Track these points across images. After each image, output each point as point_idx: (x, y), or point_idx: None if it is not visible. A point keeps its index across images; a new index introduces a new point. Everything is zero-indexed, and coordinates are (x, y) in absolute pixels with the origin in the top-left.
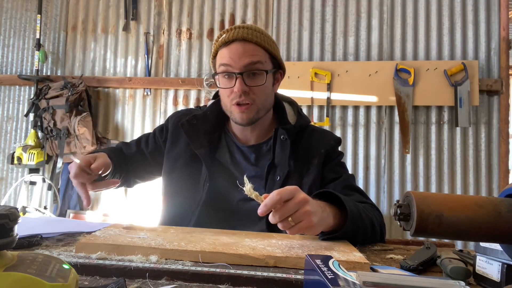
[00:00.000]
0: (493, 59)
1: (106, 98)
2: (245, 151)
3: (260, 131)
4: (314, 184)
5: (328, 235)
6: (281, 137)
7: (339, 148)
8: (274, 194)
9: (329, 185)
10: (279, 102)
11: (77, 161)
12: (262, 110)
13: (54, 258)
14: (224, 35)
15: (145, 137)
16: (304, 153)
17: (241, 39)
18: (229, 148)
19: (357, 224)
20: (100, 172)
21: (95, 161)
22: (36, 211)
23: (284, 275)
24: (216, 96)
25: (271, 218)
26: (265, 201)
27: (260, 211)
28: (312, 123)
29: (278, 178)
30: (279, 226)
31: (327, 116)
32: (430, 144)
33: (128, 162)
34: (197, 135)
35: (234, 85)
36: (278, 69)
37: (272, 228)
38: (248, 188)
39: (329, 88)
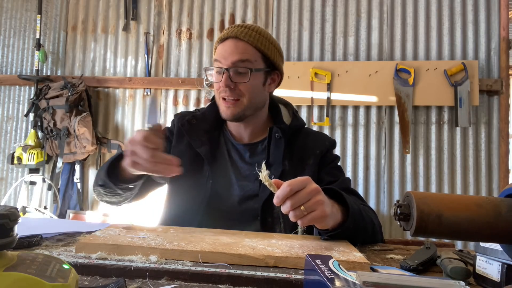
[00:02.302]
0: (493, 59)
1: (106, 98)
2: (240, 149)
3: (254, 129)
4: None
5: (330, 233)
6: (276, 135)
7: (335, 151)
8: (284, 186)
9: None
10: (275, 103)
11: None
12: (250, 107)
13: (54, 258)
14: (223, 32)
15: None
16: (299, 153)
17: (233, 37)
18: (227, 146)
19: (358, 221)
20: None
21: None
22: (36, 211)
23: (284, 275)
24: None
25: (283, 207)
26: (277, 193)
27: (275, 201)
28: (312, 124)
29: (272, 177)
30: (291, 216)
31: (327, 116)
32: (430, 144)
33: None
34: (197, 134)
35: (221, 79)
36: (273, 69)
37: (266, 229)
38: (264, 175)
39: (329, 88)
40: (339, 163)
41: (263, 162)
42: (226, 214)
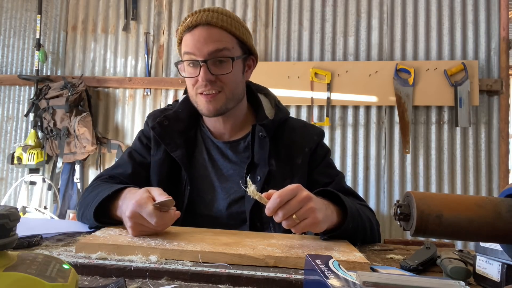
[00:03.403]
0: (493, 59)
1: (106, 98)
2: (221, 147)
3: (234, 124)
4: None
5: (329, 234)
6: (259, 134)
7: (324, 141)
8: (274, 197)
9: None
10: (254, 94)
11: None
12: (232, 100)
13: (54, 258)
14: (188, 19)
15: (134, 150)
16: (286, 151)
17: (205, 24)
18: (206, 145)
19: (357, 221)
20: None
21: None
22: (36, 211)
23: (284, 275)
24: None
25: (275, 217)
26: (268, 205)
27: (267, 213)
28: (312, 123)
29: (259, 178)
30: (284, 225)
31: (327, 116)
32: (430, 144)
33: (136, 183)
34: (171, 137)
35: (199, 74)
36: (249, 55)
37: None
38: (251, 190)
39: (329, 88)
40: (330, 157)
41: (247, 177)
42: (212, 219)
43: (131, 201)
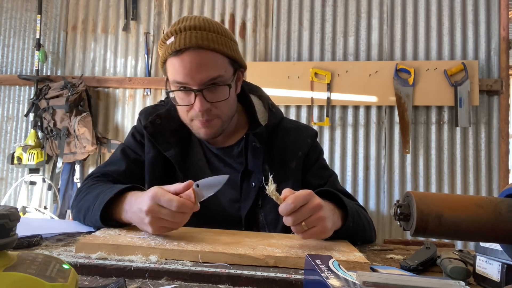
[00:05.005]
0: (493, 59)
1: (106, 98)
2: (214, 151)
3: (226, 134)
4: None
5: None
6: (253, 144)
7: (317, 141)
8: (288, 202)
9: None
10: (247, 96)
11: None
12: (227, 121)
13: (54, 258)
14: (172, 39)
15: (127, 147)
16: (280, 155)
17: (195, 47)
18: (202, 147)
19: (356, 221)
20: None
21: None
22: (36, 211)
23: (284, 275)
24: None
25: (285, 221)
26: (280, 208)
27: (281, 213)
28: (312, 123)
29: (253, 185)
30: (293, 230)
31: (327, 116)
32: (430, 144)
33: (130, 180)
34: (163, 136)
35: (194, 102)
36: (239, 68)
37: None
38: (271, 189)
39: (329, 88)
40: (323, 158)
41: (271, 176)
42: (209, 219)
43: (144, 197)
